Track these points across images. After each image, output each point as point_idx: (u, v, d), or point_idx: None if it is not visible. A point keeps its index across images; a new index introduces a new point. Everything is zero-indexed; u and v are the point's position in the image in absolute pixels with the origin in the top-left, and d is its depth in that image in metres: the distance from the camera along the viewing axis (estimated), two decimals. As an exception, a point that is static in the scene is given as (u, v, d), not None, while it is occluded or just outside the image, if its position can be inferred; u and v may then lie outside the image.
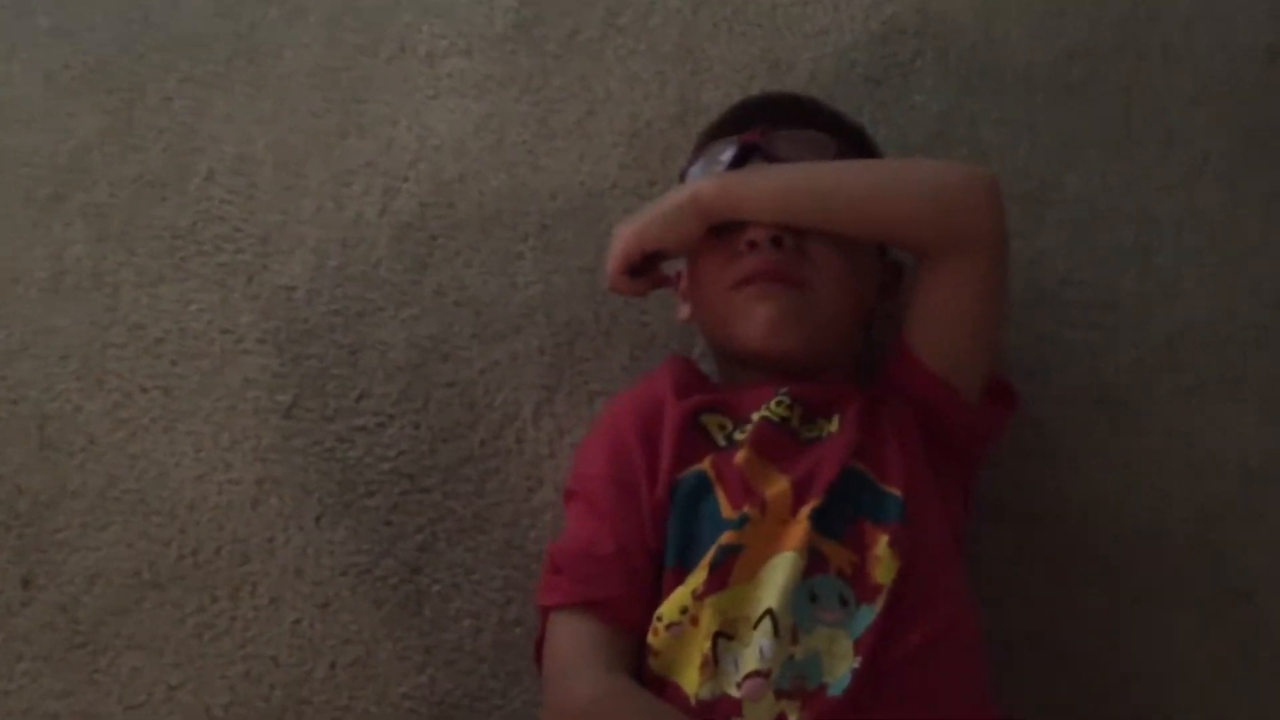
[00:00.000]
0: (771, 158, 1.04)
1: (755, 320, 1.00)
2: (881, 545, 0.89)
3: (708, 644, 0.85)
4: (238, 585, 1.10)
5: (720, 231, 1.03)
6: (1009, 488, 1.14)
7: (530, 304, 1.21)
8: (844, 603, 0.88)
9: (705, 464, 0.96)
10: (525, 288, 1.21)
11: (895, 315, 1.09)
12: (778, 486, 0.91)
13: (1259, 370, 1.18)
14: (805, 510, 0.90)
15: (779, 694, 0.83)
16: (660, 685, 0.88)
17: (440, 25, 1.31)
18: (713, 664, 0.85)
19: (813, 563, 0.88)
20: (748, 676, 0.84)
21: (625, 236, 1.05)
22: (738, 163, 1.05)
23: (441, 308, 1.21)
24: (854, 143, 1.10)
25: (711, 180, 1.03)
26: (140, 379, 1.16)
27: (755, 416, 0.98)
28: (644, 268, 1.07)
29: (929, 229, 0.99)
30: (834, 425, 0.98)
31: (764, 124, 1.07)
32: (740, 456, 0.94)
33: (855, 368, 1.08)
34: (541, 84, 1.29)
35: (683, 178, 1.12)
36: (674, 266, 1.13)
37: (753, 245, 1.01)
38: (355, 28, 1.31)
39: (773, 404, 0.98)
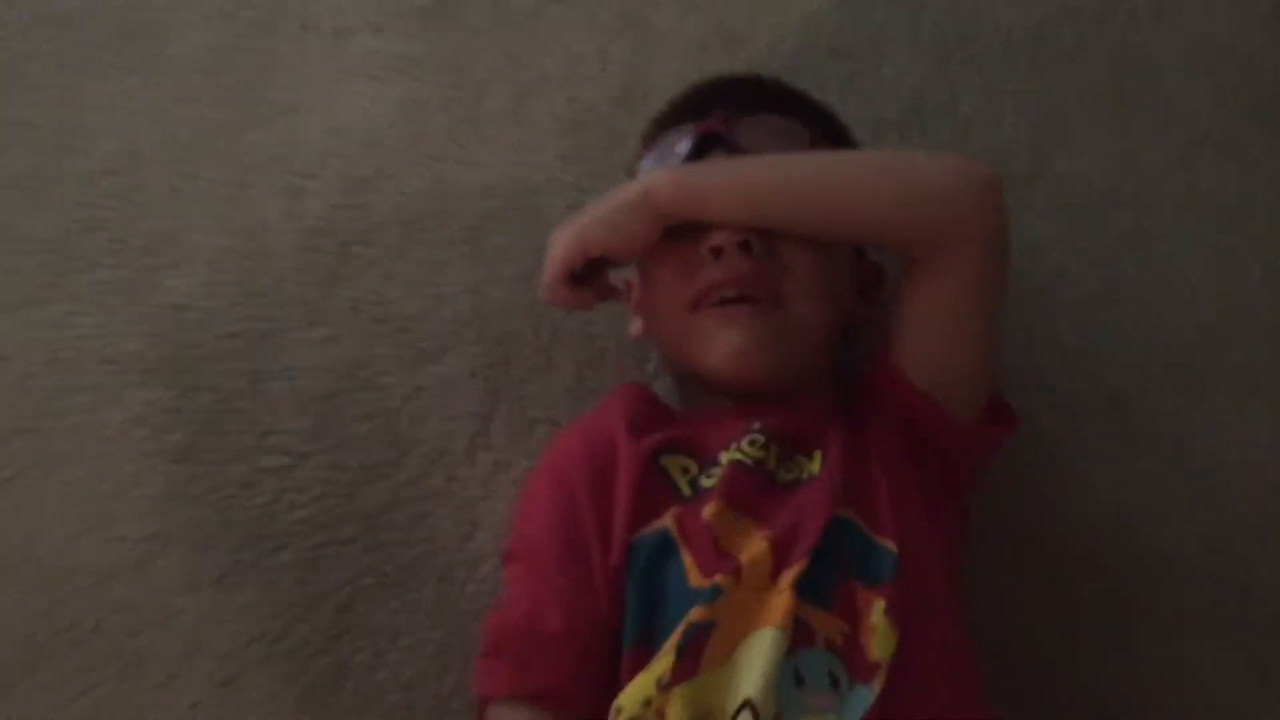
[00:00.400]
0: (735, 148, 0.91)
1: (721, 346, 0.87)
2: (877, 613, 0.76)
3: None
4: (126, 663, 0.95)
5: (677, 235, 0.89)
6: (1006, 504, 1.02)
7: (460, 319, 1.06)
8: (835, 683, 0.74)
9: (668, 520, 0.82)
10: (453, 300, 1.06)
11: (875, 322, 0.96)
12: (754, 548, 0.78)
13: (1276, 372, 1.06)
14: (788, 576, 0.76)
15: None
16: None
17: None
18: None
19: (797, 636, 0.75)
20: None
21: (565, 240, 0.90)
22: (696, 154, 0.92)
23: (358, 326, 1.06)
24: (827, 131, 0.96)
25: (666, 175, 0.89)
26: (6, 421, 1.00)
27: (724, 458, 0.84)
28: (588, 276, 0.92)
29: (916, 229, 0.86)
30: (815, 464, 0.85)
31: (725, 109, 0.93)
32: (709, 511, 0.80)
33: (832, 383, 0.95)
34: (466, 63, 1.14)
35: (632, 173, 0.97)
36: (623, 275, 0.98)
37: (717, 253, 0.88)
38: (251, 3, 1.15)
39: (745, 443, 0.84)
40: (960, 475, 0.91)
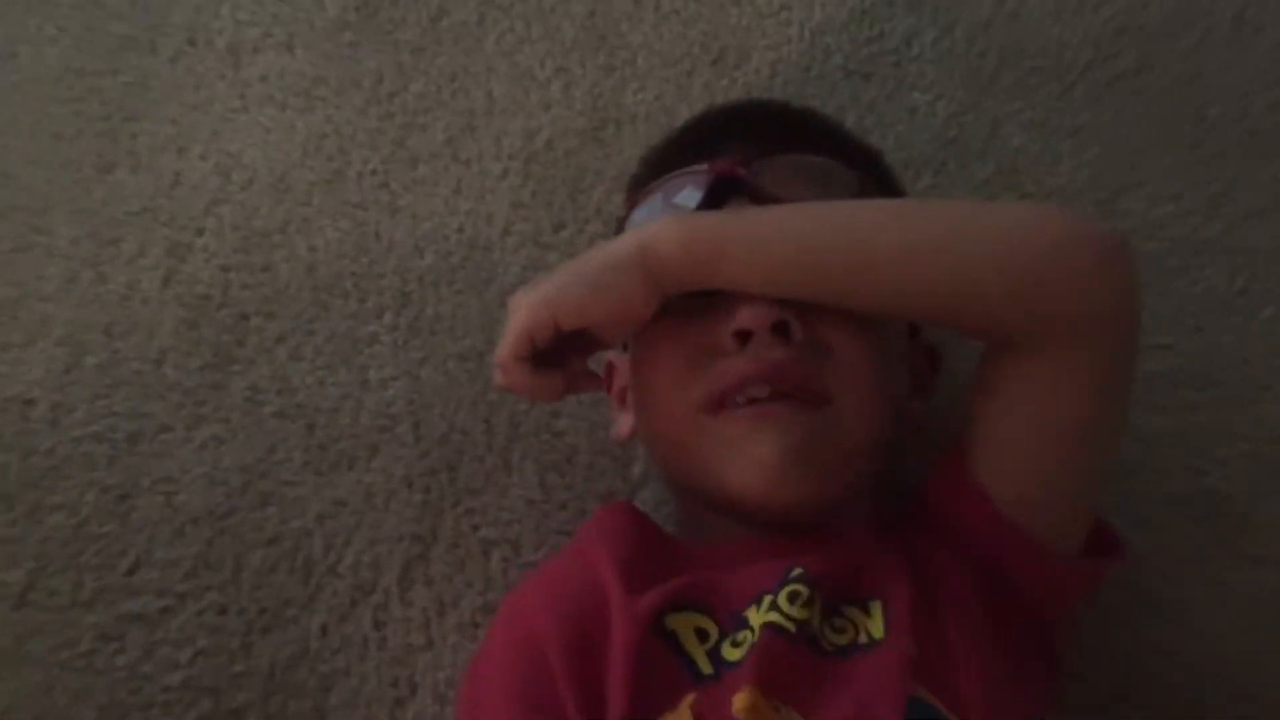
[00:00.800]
0: (760, 196, 0.68)
1: (749, 459, 0.65)
2: None
3: None
4: None
5: (685, 310, 0.67)
6: (1091, 648, 0.80)
7: (390, 412, 0.82)
8: None
9: (683, 712, 0.59)
10: (382, 388, 0.83)
11: (927, 421, 0.75)
12: None
13: None
14: None
15: None
16: None
17: (248, 7, 0.93)
18: None
19: None
20: None
21: (529, 305, 0.66)
22: (709, 204, 0.69)
23: (258, 423, 0.82)
24: (874, 174, 0.74)
25: (671, 227, 0.66)
26: None
27: (755, 619, 0.61)
28: (557, 357, 0.68)
29: (1022, 309, 0.64)
30: (875, 622, 0.63)
31: (745, 146, 0.71)
32: (741, 703, 0.57)
33: (878, 502, 0.73)
34: (396, 89, 0.91)
35: (620, 228, 0.75)
36: (603, 357, 0.76)
37: (744, 337, 0.66)
38: (122, 12, 0.92)
39: (782, 597, 0.62)
40: (1051, 624, 0.69)
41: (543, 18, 0.93)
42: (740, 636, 0.61)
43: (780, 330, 0.65)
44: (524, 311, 0.66)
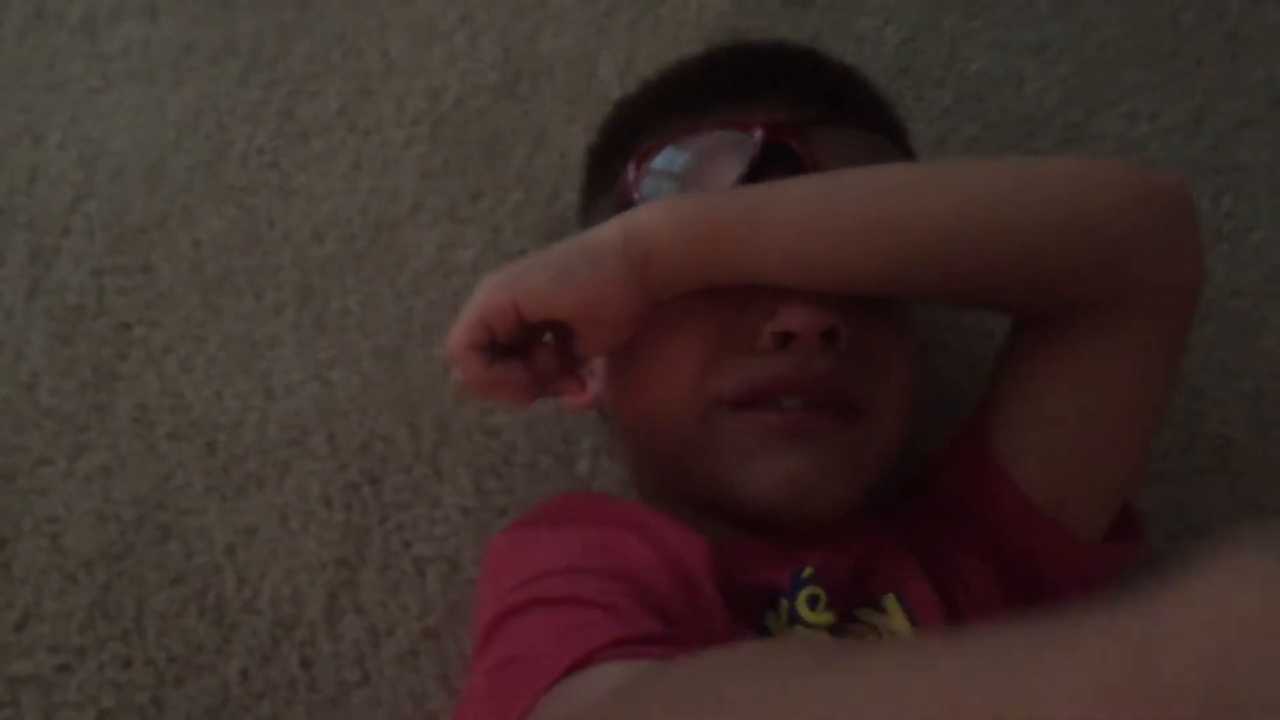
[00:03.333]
0: (802, 169, 0.59)
1: (774, 471, 0.57)
2: None
3: None
4: None
5: (712, 289, 0.58)
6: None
7: (299, 421, 0.73)
8: None
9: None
10: (289, 394, 0.74)
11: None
12: None
13: None
14: None
15: None
16: None
17: (102, -29, 0.82)
18: None
19: None
20: None
21: (487, 287, 0.57)
22: (753, 176, 0.59)
23: (150, 447, 0.72)
24: (907, 151, 0.66)
25: (664, 213, 0.56)
26: None
27: (775, 629, 0.55)
28: (521, 348, 0.58)
29: (1073, 280, 0.57)
30: (895, 618, 0.57)
31: (790, 104, 0.61)
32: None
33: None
34: (278, 53, 0.81)
35: (626, 200, 0.62)
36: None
37: (785, 339, 0.57)
38: (-44, -14, 0.80)
39: (801, 603, 0.55)
40: (1065, 600, 0.62)
41: (440, -40, 0.83)
42: None
43: (829, 337, 0.57)
44: (482, 294, 0.57)
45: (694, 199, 0.57)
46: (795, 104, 0.61)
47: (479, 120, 0.80)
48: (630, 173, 0.61)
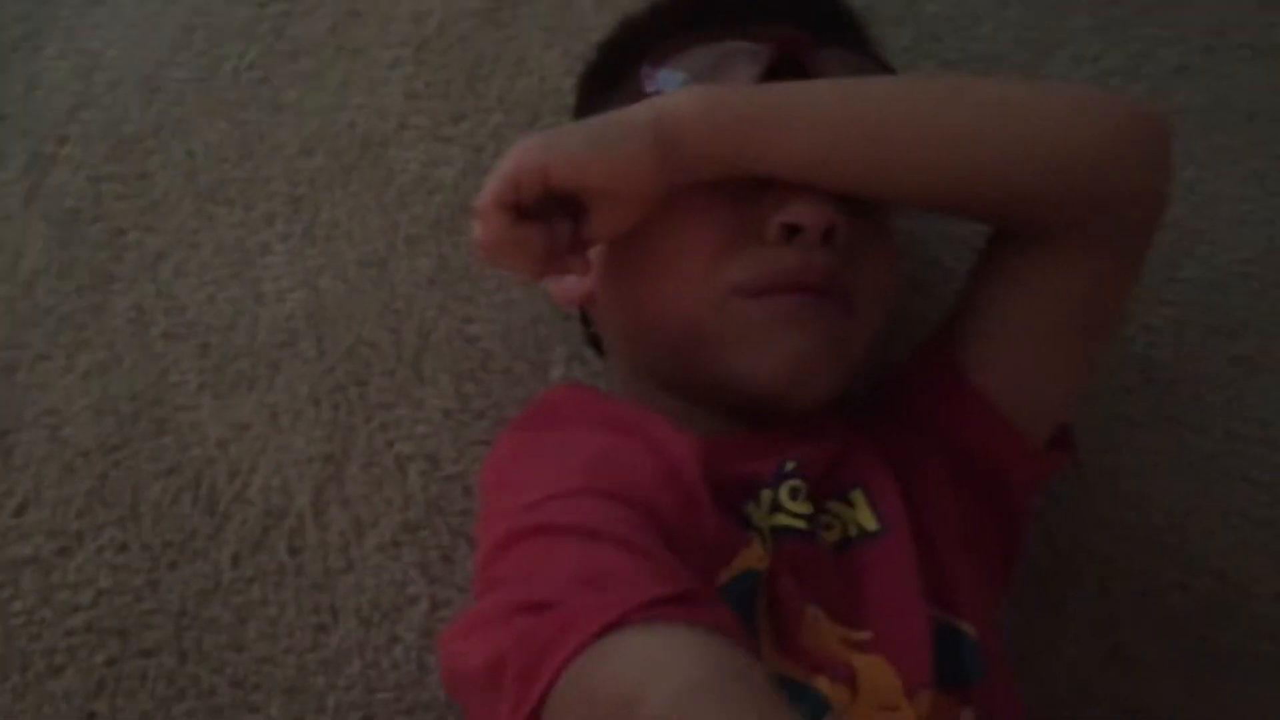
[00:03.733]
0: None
1: (780, 349, 0.61)
2: None
3: None
4: None
5: (720, 187, 0.61)
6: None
7: (289, 325, 0.77)
8: None
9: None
10: (279, 300, 0.78)
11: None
12: (872, 668, 0.55)
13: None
14: (925, 701, 0.55)
15: None
16: None
17: (96, -112, 0.84)
18: None
19: None
20: None
21: (521, 149, 0.59)
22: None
23: (145, 346, 0.76)
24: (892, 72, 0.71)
25: (695, 97, 0.59)
26: None
27: (759, 519, 0.59)
28: (544, 210, 0.59)
29: (1069, 194, 0.61)
30: (862, 511, 0.62)
31: (797, 27, 0.65)
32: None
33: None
34: (268, -27, 0.84)
35: (640, 92, 0.64)
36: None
37: (791, 231, 0.61)
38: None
39: (784, 494, 0.59)
40: (1019, 513, 0.69)
41: (425, -113, 0.86)
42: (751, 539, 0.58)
43: (829, 235, 0.61)
44: (515, 154, 0.59)
45: (724, 89, 0.61)
46: (798, 26, 0.65)
47: (461, 45, 0.83)
48: (644, 73, 0.64)
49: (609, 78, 0.71)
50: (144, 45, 0.81)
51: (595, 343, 0.75)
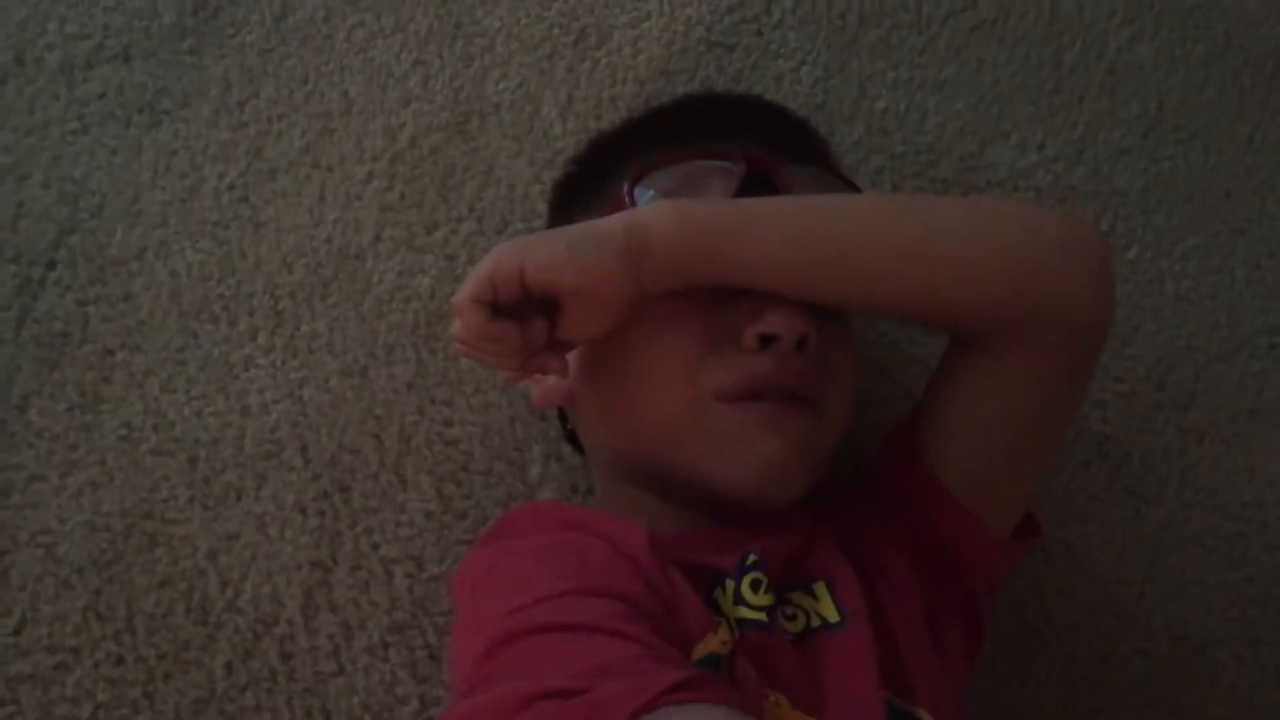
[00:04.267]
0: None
1: (755, 454, 0.64)
2: None
3: None
4: None
5: (697, 295, 0.65)
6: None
7: (275, 437, 0.80)
8: None
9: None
10: (264, 412, 0.80)
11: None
12: None
13: (1278, 391, 0.88)
14: None
15: None
16: None
17: (77, 20, 0.88)
18: None
19: None
20: None
21: (498, 251, 0.62)
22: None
23: (136, 463, 0.79)
24: (855, 188, 0.75)
25: (665, 212, 0.63)
26: None
27: (729, 612, 0.62)
28: (520, 311, 0.63)
29: (1017, 305, 0.65)
30: (824, 603, 0.64)
31: (765, 144, 0.70)
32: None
33: None
34: (245, 95, 0.87)
35: (617, 206, 0.67)
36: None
37: (767, 340, 0.64)
38: (-62, 35, 0.86)
39: (745, 586, 0.62)
40: (982, 599, 0.71)
41: (393, 9, 0.90)
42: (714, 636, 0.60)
43: (801, 342, 0.64)
44: (493, 256, 0.62)
45: (693, 203, 0.64)
46: (768, 144, 0.70)
47: (433, 157, 0.87)
48: (625, 188, 0.67)
49: (581, 192, 0.74)
50: (126, 170, 0.84)
51: (573, 440, 0.78)
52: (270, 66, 0.88)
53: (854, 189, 0.72)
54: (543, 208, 0.85)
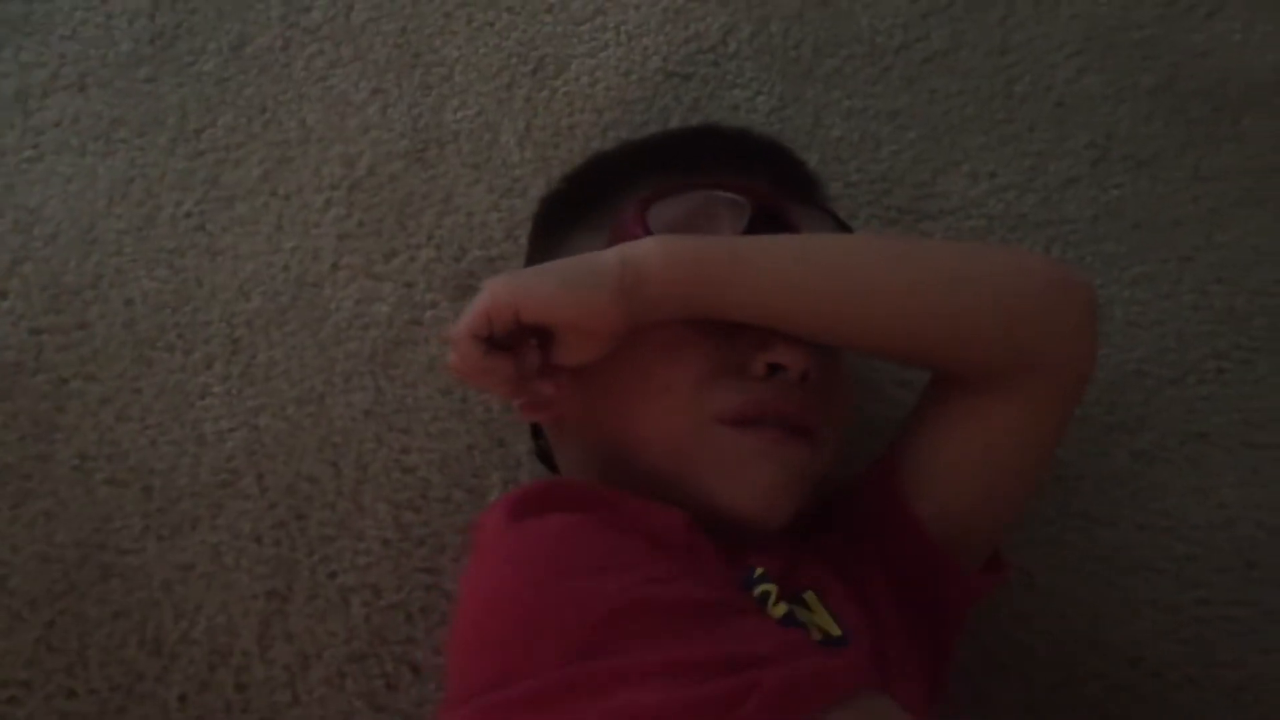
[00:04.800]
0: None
1: (757, 479, 0.66)
2: None
3: None
4: None
5: (708, 322, 0.66)
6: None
7: (231, 466, 0.80)
8: None
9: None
10: (218, 441, 0.80)
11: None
12: None
13: (1225, 412, 0.90)
14: None
15: None
16: None
17: (32, 49, 0.88)
18: None
19: None
20: None
21: (494, 287, 0.63)
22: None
23: (89, 493, 0.78)
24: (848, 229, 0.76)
25: (657, 248, 0.64)
26: None
27: None
28: (515, 339, 0.64)
29: (997, 352, 0.66)
30: (819, 615, 0.64)
31: (773, 181, 0.72)
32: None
33: None
34: (202, 124, 0.87)
35: (623, 238, 0.67)
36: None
37: (773, 369, 0.66)
38: (-108, 64, 0.85)
39: (756, 595, 0.63)
40: (952, 631, 0.72)
41: (352, 38, 0.90)
42: None
43: (805, 374, 0.66)
44: (488, 291, 0.63)
45: (686, 240, 0.65)
46: (775, 182, 0.71)
47: (391, 185, 0.87)
48: (633, 212, 0.68)
49: (577, 210, 0.75)
50: (82, 198, 0.84)
51: (544, 457, 0.79)
52: (228, 95, 0.88)
53: (847, 230, 0.74)
54: (500, 234, 0.85)
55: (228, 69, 0.88)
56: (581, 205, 0.75)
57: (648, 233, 0.67)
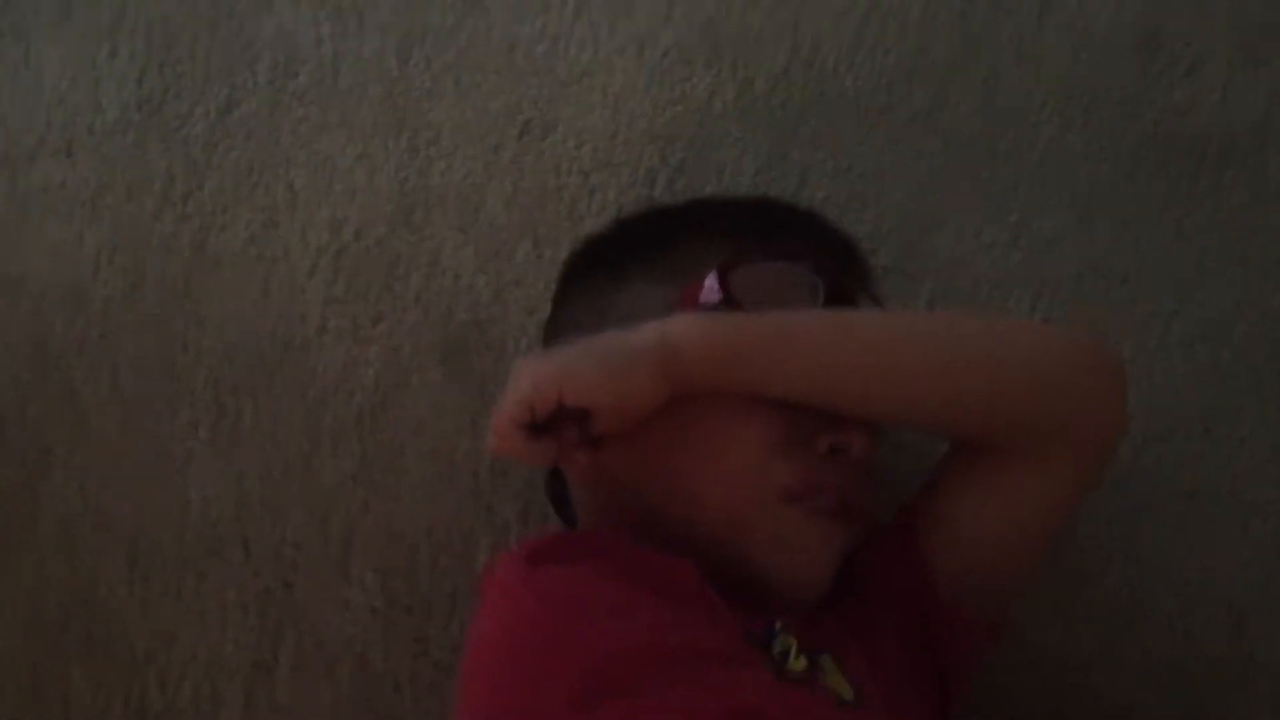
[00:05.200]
0: None
1: (809, 560, 0.68)
2: None
3: None
4: None
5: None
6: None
7: (214, 527, 0.79)
8: None
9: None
10: (204, 507, 0.80)
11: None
12: None
13: (1212, 469, 0.90)
14: None
15: None
16: None
17: (19, 113, 0.88)
18: None
19: None
20: None
21: (535, 374, 0.65)
22: None
23: (75, 553, 0.78)
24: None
25: (695, 326, 0.65)
26: None
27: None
28: (554, 426, 0.65)
29: (1030, 426, 0.68)
30: (834, 678, 0.64)
31: (842, 266, 0.74)
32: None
33: None
34: (189, 188, 0.88)
35: (696, 304, 0.69)
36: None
37: (838, 450, 0.68)
38: (-122, 130, 0.85)
39: (775, 648, 0.63)
40: (957, 687, 0.73)
41: (339, 102, 0.91)
42: None
43: (866, 457, 0.68)
44: (529, 379, 0.64)
45: (723, 320, 0.66)
46: (841, 264, 0.74)
47: (378, 248, 0.87)
48: (711, 279, 0.69)
49: (632, 258, 0.75)
50: (68, 262, 0.84)
51: (557, 502, 0.77)
52: (215, 159, 0.88)
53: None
54: (487, 296, 0.85)
55: (215, 134, 0.89)
56: (641, 252, 0.75)
57: (728, 296, 0.68)
